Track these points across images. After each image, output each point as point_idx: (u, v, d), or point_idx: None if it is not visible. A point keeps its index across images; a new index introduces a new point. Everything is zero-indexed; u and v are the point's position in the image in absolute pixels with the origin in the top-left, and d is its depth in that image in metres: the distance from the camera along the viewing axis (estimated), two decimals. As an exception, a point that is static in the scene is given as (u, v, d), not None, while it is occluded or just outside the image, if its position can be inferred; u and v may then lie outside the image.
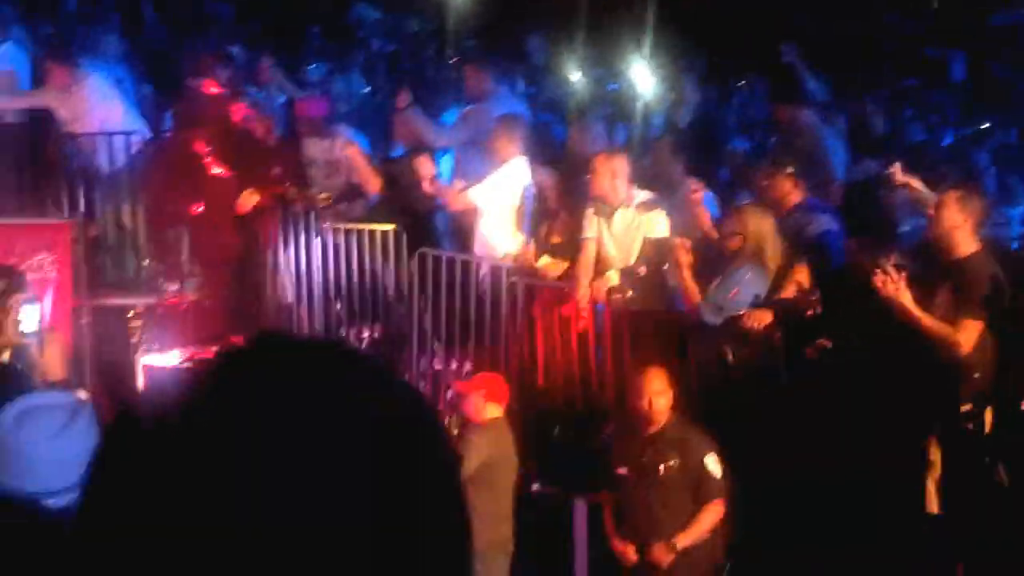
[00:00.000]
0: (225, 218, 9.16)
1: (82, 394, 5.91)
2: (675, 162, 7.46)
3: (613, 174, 6.98)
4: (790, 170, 6.79)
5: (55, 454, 2.46)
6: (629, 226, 7.02)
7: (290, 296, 8.75)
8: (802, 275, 6.39)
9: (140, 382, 8.62)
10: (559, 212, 7.65)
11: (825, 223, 6.70)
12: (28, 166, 9.15)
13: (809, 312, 6.25)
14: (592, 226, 7.08)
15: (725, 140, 8.96)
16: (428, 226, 8.07)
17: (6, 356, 4.28)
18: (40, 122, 9.08)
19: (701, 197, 6.85)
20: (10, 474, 2.48)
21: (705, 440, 5.82)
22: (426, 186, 7.68)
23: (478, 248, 7.69)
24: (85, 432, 2.55)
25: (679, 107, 9.19)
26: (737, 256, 6.49)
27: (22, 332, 4.01)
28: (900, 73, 10.63)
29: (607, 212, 7.04)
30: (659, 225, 6.98)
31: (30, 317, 3.99)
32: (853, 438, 5.79)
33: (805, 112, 7.94)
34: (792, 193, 6.77)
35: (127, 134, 8.95)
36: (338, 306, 8.49)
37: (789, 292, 6.38)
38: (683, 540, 5.73)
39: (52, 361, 3.99)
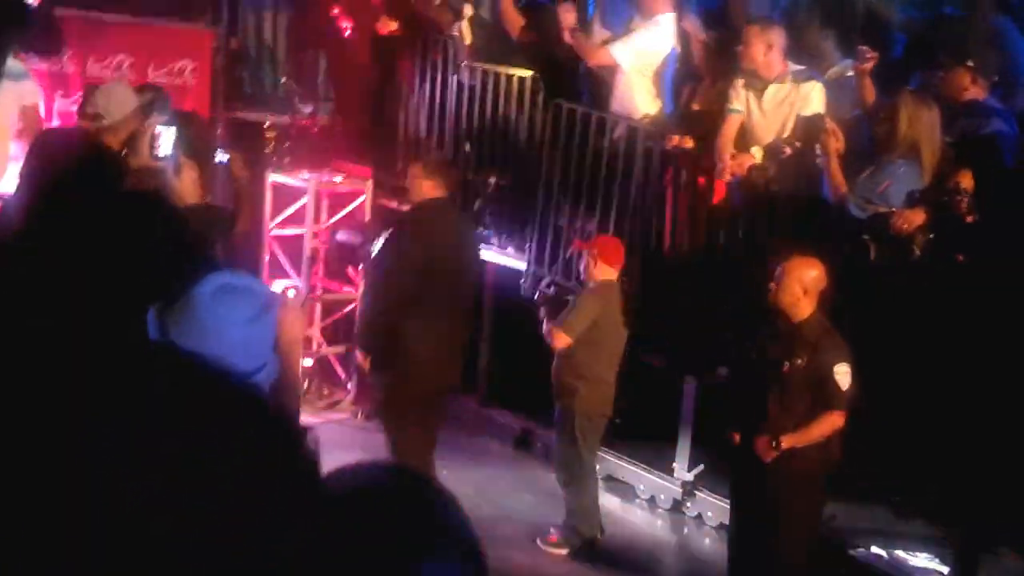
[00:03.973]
0: (364, 44, 9.00)
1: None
2: (828, 31, 6.98)
3: (768, 46, 6.55)
4: (970, 63, 6.17)
5: (242, 339, 2.52)
6: (782, 101, 6.60)
7: (422, 131, 8.60)
8: (964, 177, 5.93)
9: (267, 198, 8.66)
10: (705, 78, 7.28)
11: (998, 125, 6.13)
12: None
13: (967, 218, 5.84)
14: (740, 99, 6.70)
15: (901, 12, 8.05)
16: (567, 77, 7.75)
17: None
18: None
19: (870, 68, 6.34)
20: (199, 346, 2.49)
21: (840, 348, 5.45)
22: (568, 36, 7.34)
23: (615, 106, 7.37)
24: (271, 325, 2.62)
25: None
26: (891, 147, 6.09)
27: (157, 155, 3.91)
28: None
29: (758, 87, 6.64)
30: (814, 101, 6.56)
31: (167, 139, 3.90)
32: (994, 356, 5.48)
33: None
34: (969, 90, 6.15)
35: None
36: (467, 148, 8.32)
37: (946, 194, 5.97)
38: (788, 441, 5.43)
39: (187, 185, 3.90)
